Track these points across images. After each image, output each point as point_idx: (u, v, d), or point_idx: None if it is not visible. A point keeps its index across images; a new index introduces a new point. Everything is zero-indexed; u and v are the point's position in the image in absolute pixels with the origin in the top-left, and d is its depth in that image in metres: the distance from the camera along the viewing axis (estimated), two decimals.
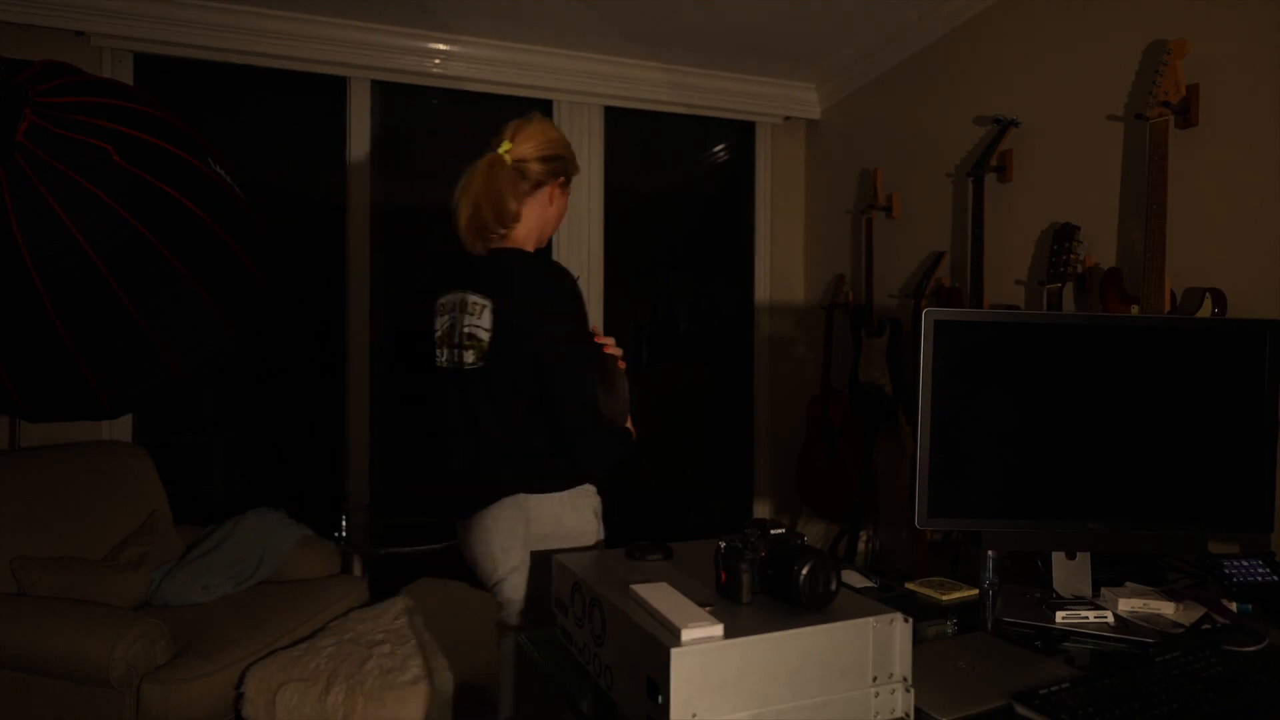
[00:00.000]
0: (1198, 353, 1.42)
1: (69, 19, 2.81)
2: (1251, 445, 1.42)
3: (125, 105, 2.06)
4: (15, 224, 1.87)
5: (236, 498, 3.30)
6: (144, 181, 2.01)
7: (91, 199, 1.93)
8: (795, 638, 0.92)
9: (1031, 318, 1.44)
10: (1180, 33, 2.06)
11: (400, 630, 2.48)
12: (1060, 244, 2.27)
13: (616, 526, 3.67)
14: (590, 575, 1.14)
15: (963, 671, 1.16)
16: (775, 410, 3.93)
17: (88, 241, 1.94)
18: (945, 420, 1.39)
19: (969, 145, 2.84)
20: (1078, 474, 1.42)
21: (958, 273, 2.86)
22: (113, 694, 2.08)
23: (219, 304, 2.26)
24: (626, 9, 2.97)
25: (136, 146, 2.01)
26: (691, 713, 0.87)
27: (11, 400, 2.20)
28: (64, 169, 1.89)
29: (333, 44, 3.09)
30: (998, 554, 1.42)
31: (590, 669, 1.10)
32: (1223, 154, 2.00)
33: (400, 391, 3.46)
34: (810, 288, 3.91)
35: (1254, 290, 1.92)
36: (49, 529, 2.48)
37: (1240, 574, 1.50)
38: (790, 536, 1.07)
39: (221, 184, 2.25)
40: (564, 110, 3.51)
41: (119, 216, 1.97)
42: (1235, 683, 1.09)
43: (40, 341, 2.03)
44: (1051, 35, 2.51)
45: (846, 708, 0.94)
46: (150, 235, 2.03)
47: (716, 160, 4.02)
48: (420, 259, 3.51)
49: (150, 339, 2.13)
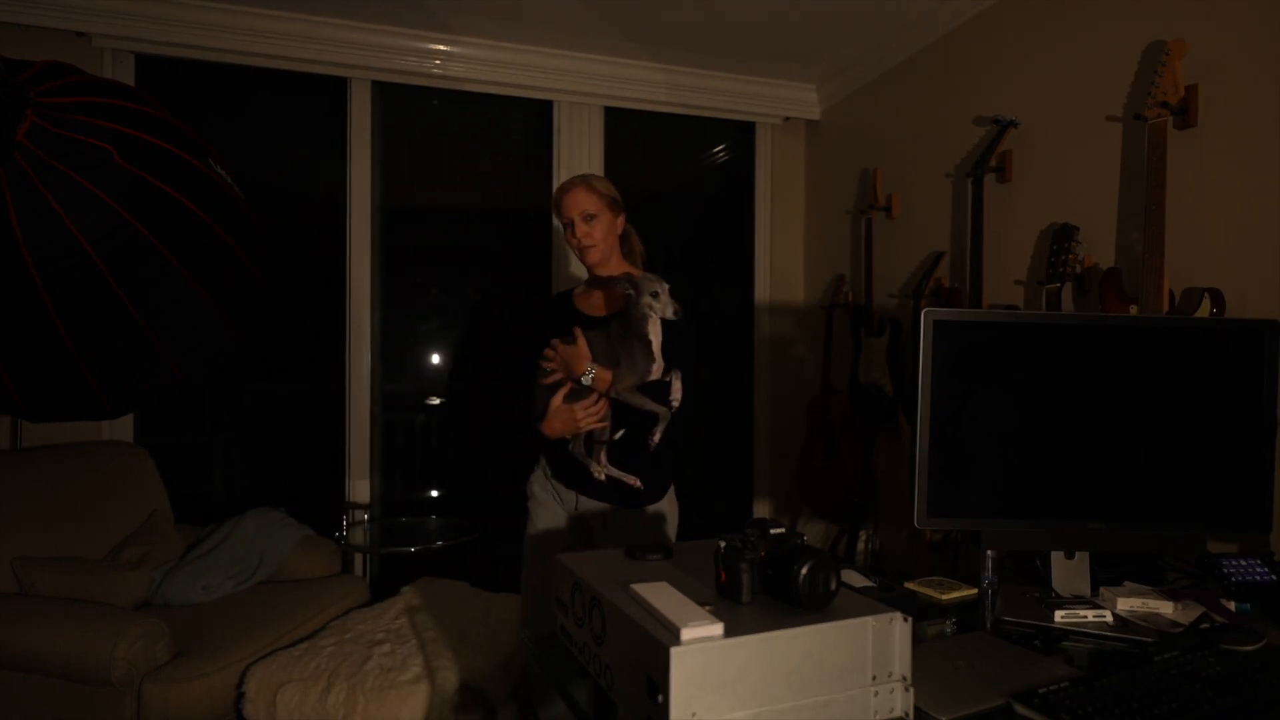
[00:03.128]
0: (1196, 353, 1.42)
1: (70, 19, 2.82)
2: (1250, 445, 1.42)
3: (126, 105, 2.06)
4: (16, 224, 1.87)
5: (236, 498, 3.30)
6: (144, 182, 2.01)
7: (92, 199, 1.93)
8: (795, 637, 0.93)
9: (1031, 318, 1.44)
10: (1179, 33, 2.06)
11: (400, 630, 2.48)
12: (1059, 244, 2.27)
13: None
14: (590, 574, 1.14)
15: (962, 671, 1.16)
16: (775, 410, 3.93)
17: (88, 241, 1.94)
18: (945, 420, 1.39)
19: (968, 145, 2.84)
20: (1077, 474, 1.42)
21: (957, 273, 2.87)
22: (113, 694, 2.08)
23: (219, 304, 2.26)
24: (626, 9, 2.97)
25: (137, 147, 2.01)
26: (691, 712, 0.87)
27: (12, 400, 2.20)
28: (65, 169, 1.89)
29: (333, 44, 3.09)
30: (997, 553, 1.42)
31: (590, 668, 1.10)
32: (1221, 154, 2.00)
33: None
34: (810, 288, 3.91)
35: (1252, 290, 1.92)
36: (50, 529, 2.49)
37: (1239, 573, 1.50)
38: (790, 536, 1.08)
39: (222, 184, 2.25)
40: (564, 110, 3.51)
41: (119, 216, 1.97)
42: (1234, 682, 1.09)
43: (41, 341, 2.03)
44: (1051, 36, 2.51)
45: (846, 707, 0.95)
46: (150, 235, 2.03)
47: (716, 160, 4.02)
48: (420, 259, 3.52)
49: (150, 339, 2.13)
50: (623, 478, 1.93)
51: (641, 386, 1.88)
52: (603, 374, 1.85)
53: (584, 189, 1.96)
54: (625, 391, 1.86)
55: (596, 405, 1.88)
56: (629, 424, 1.93)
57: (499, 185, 3.68)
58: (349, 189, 3.29)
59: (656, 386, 1.89)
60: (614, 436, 1.94)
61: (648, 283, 1.84)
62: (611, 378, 1.85)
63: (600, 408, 1.88)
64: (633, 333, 1.85)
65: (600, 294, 2.04)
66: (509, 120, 3.58)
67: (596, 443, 1.94)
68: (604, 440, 1.93)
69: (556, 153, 3.52)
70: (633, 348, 1.84)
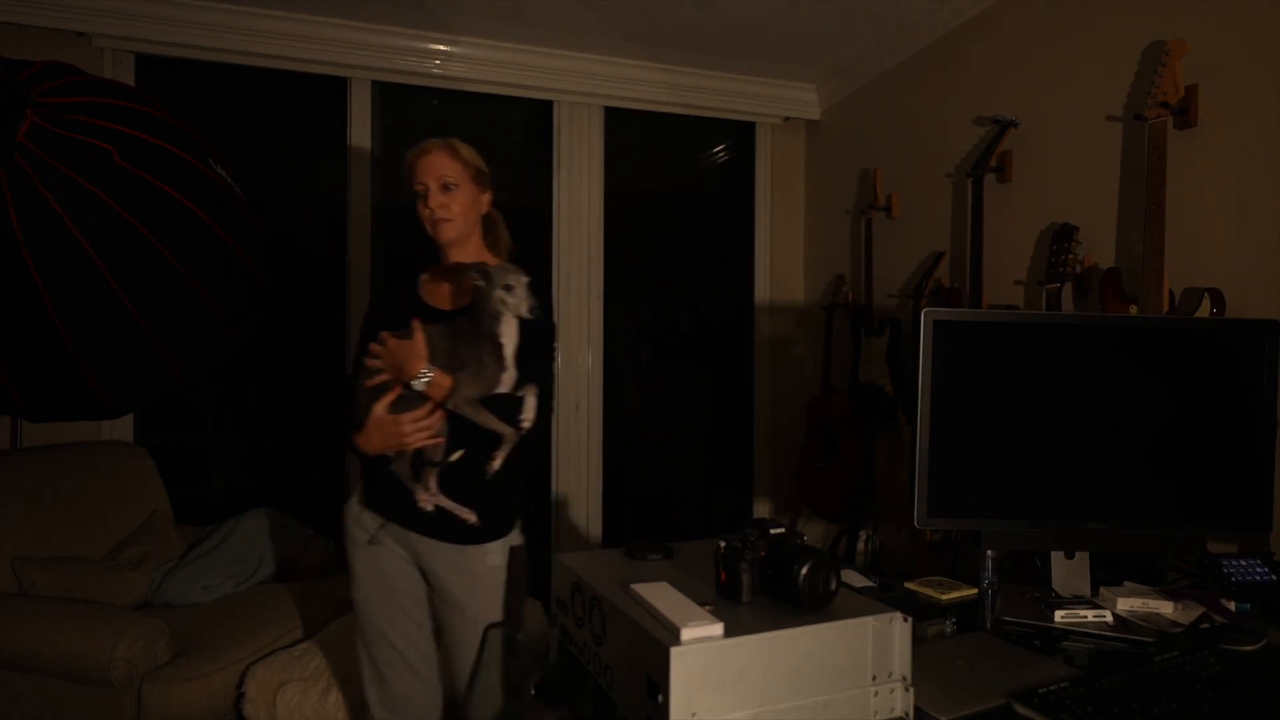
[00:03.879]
0: (1196, 353, 1.42)
1: (70, 19, 2.81)
2: (1250, 445, 1.42)
3: (126, 105, 2.06)
4: (16, 224, 1.87)
5: (236, 498, 3.30)
6: (144, 182, 2.01)
7: (92, 199, 1.93)
8: (795, 637, 0.93)
9: (1031, 318, 1.44)
10: (1179, 33, 2.06)
11: None
12: (1059, 244, 2.27)
13: (616, 526, 3.69)
14: (590, 574, 1.14)
15: (962, 671, 1.16)
16: (775, 410, 3.93)
17: (88, 241, 1.94)
18: (945, 420, 1.39)
19: (968, 145, 2.84)
20: (1077, 474, 1.42)
21: (957, 273, 2.86)
22: (114, 693, 2.08)
23: (219, 304, 2.26)
24: (626, 9, 2.97)
25: (137, 147, 2.01)
26: (691, 712, 0.87)
27: (12, 400, 2.20)
28: (65, 169, 1.89)
29: (333, 44, 3.09)
30: (997, 554, 1.42)
31: (590, 668, 1.10)
32: (1221, 154, 2.00)
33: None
34: (810, 288, 3.91)
35: (1252, 290, 1.92)
36: (50, 529, 2.49)
37: (1239, 573, 1.50)
38: (790, 536, 1.08)
39: (222, 184, 2.25)
40: (564, 110, 3.51)
41: (119, 216, 1.97)
42: (1234, 682, 1.09)
43: (41, 341, 2.03)
44: (1051, 36, 2.51)
45: (846, 707, 0.94)
46: (150, 235, 2.03)
47: (716, 160, 4.02)
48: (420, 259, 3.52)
49: (150, 339, 2.13)
50: (454, 509, 1.61)
51: (487, 400, 1.58)
52: (440, 379, 1.53)
53: (446, 153, 1.69)
54: (466, 404, 1.55)
55: (429, 418, 1.56)
56: (469, 444, 1.61)
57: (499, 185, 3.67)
58: (349, 189, 3.29)
59: (506, 403, 1.59)
60: (448, 458, 1.61)
61: (503, 273, 1.54)
62: (451, 385, 1.54)
63: (433, 421, 1.56)
64: (482, 332, 1.55)
65: (449, 284, 1.73)
66: (509, 120, 3.58)
67: (426, 464, 1.61)
68: (436, 461, 1.61)
69: (556, 153, 3.52)
70: (481, 351, 1.55)
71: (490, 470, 1.59)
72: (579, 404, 3.54)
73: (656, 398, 3.91)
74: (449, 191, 1.67)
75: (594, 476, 3.58)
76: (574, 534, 3.53)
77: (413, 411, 1.55)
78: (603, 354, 3.59)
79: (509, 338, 1.56)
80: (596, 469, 3.59)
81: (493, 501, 1.65)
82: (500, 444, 1.60)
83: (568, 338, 3.54)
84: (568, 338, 3.54)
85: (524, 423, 1.59)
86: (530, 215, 3.56)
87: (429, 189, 1.67)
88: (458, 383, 1.54)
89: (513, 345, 1.56)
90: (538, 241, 3.54)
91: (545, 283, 3.55)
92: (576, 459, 3.55)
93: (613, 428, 3.62)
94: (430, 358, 1.55)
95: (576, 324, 3.55)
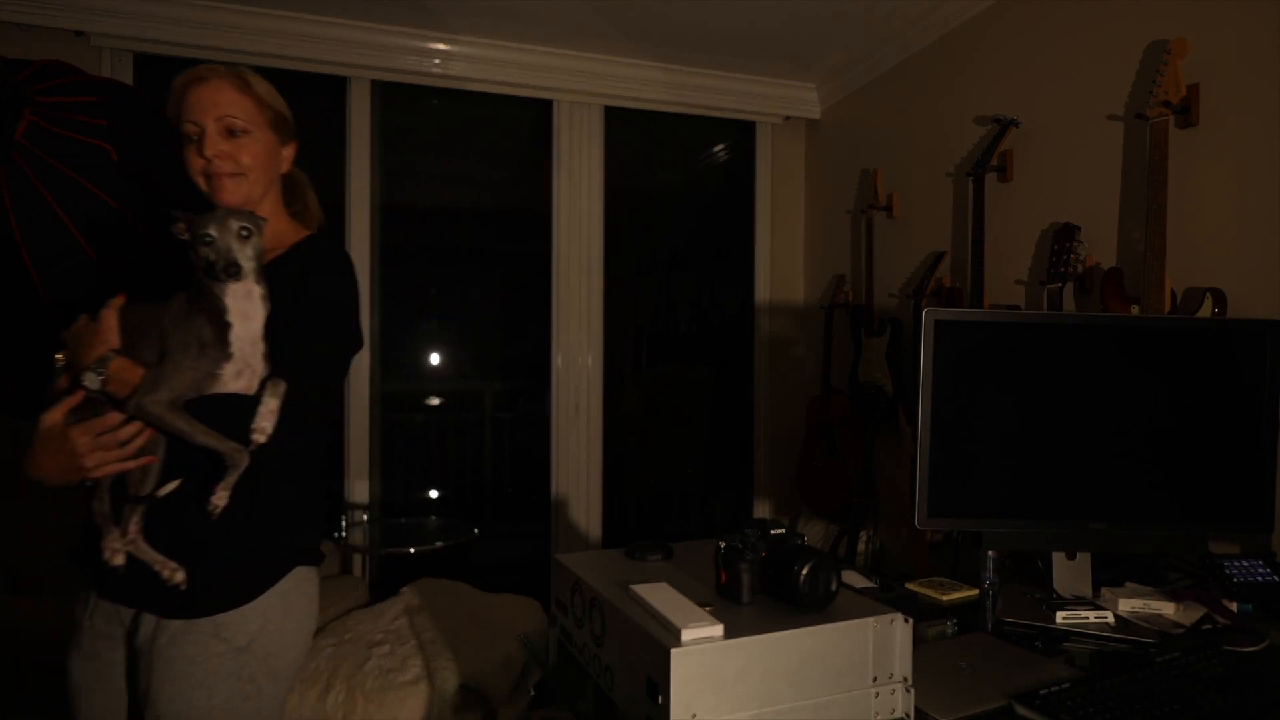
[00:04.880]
0: (1198, 353, 1.42)
1: (69, 19, 2.81)
2: (1252, 445, 1.42)
3: (125, 105, 2.06)
4: (15, 224, 1.87)
5: None
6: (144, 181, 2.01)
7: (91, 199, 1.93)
8: (795, 638, 0.92)
9: (1032, 318, 1.44)
10: (1180, 33, 2.06)
11: (400, 630, 2.48)
12: (1060, 244, 2.26)
13: (616, 526, 3.68)
14: (590, 575, 1.14)
15: (963, 672, 1.16)
16: (775, 410, 3.93)
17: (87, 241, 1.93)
18: (946, 420, 1.39)
19: (969, 145, 2.84)
20: (1078, 474, 1.42)
21: (958, 272, 2.86)
22: None
23: None
24: (626, 9, 2.96)
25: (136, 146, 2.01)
26: (691, 713, 0.87)
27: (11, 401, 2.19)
28: (63, 169, 1.89)
29: (333, 44, 3.09)
30: (998, 554, 1.42)
31: (590, 669, 1.10)
32: (1223, 154, 2.00)
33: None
34: (810, 288, 3.91)
35: (1254, 290, 1.92)
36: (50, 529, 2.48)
37: (1241, 574, 1.50)
38: (790, 536, 1.07)
39: None
40: (564, 110, 3.51)
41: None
42: (1235, 683, 1.09)
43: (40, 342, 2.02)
44: (1051, 35, 2.51)
45: (846, 708, 0.94)
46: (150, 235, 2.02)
47: (716, 160, 4.02)
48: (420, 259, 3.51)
49: None
50: (152, 560, 1.15)
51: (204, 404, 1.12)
52: (122, 369, 1.11)
53: (232, 84, 1.27)
54: (158, 406, 1.09)
55: (121, 429, 1.13)
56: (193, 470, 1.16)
57: (499, 185, 3.68)
58: (349, 189, 3.29)
59: (232, 406, 1.13)
60: (160, 491, 1.17)
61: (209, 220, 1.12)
62: (140, 379, 1.10)
63: (130, 434, 1.13)
64: (200, 307, 1.13)
65: None
66: (509, 120, 3.57)
67: (130, 499, 1.17)
68: (142, 496, 1.17)
69: (556, 153, 3.52)
70: (190, 332, 1.12)
71: (213, 508, 1.10)
72: (579, 404, 3.54)
73: (656, 398, 3.91)
74: (235, 138, 1.26)
75: (594, 476, 3.58)
76: (574, 534, 3.53)
77: (98, 419, 1.12)
78: (603, 354, 3.59)
79: (245, 314, 1.13)
80: (596, 469, 3.58)
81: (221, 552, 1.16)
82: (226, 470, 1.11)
83: (568, 338, 3.53)
84: (568, 338, 3.53)
85: (255, 435, 1.11)
86: (530, 215, 3.56)
87: (204, 131, 1.25)
88: (149, 377, 1.10)
89: (254, 324, 1.14)
90: (538, 241, 3.54)
91: (545, 282, 3.54)
92: (576, 459, 3.54)
93: (613, 428, 3.62)
94: (126, 345, 1.12)
95: (576, 324, 3.54)
